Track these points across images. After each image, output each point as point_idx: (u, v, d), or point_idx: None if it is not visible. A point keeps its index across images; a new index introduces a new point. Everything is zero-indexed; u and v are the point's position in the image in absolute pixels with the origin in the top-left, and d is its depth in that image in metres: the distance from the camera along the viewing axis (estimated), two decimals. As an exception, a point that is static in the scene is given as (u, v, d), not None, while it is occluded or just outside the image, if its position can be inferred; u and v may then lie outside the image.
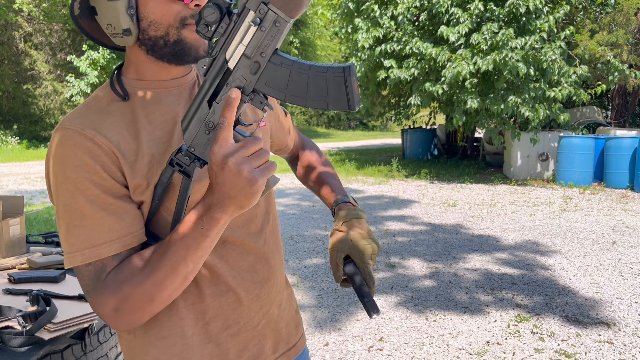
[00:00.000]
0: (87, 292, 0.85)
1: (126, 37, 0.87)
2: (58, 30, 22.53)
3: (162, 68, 0.92)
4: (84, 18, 0.93)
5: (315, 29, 27.15)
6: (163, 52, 0.88)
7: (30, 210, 7.61)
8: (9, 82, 20.93)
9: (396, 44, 10.64)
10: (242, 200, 0.77)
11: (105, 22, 0.87)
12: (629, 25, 11.59)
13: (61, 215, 0.85)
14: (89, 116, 0.87)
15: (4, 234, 2.04)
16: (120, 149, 0.86)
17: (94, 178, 0.83)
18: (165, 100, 0.92)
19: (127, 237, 0.85)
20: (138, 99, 0.91)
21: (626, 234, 6.28)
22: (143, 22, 0.86)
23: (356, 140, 25.43)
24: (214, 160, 0.76)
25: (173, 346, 0.93)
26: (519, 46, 9.34)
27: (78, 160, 0.83)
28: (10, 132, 19.94)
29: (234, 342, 0.96)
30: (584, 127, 13.64)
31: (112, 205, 0.84)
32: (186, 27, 0.87)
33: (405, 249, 5.62)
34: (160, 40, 0.87)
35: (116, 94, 0.89)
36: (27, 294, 1.56)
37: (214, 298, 0.94)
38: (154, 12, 0.85)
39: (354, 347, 3.27)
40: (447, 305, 3.98)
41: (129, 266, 0.83)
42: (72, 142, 0.83)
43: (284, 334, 1.05)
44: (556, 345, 3.30)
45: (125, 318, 0.84)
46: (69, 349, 1.47)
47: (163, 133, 0.90)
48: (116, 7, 0.84)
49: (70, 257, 0.84)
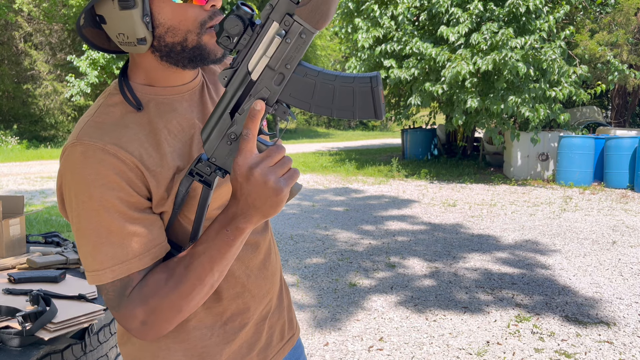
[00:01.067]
0: (112, 308, 0.84)
1: (140, 46, 0.84)
2: (58, 30, 22.52)
3: (174, 73, 0.90)
4: (88, 27, 0.90)
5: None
6: (179, 58, 0.86)
7: (30, 210, 7.61)
8: (9, 82, 20.93)
9: (396, 44, 10.64)
10: (267, 210, 0.77)
11: (116, 32, 0.84)
12: (629, 25, 11.59)
13: (84, 233, 0.82)
14: (107, 130, 0.83)
15: (4, 234, 2.04)
16: (143, 162, 0.84)
17: (120, 195, 0.81)
18: (179, 107, 0.91)
19: (156, 249, 0.84)
20: (153, 108, 0.88)
21: (626, 234, 6.28)
22: (159, 29, 0.83)
23: (356, 140, 25.43)
24: (239, 172, 0.76)
25: (193, 349, 0.94)
26: (518, 46, 9.34)
27: (103, 178, 0.80)
28: (10, 132, 19.93)
29: (247, 338, 0.99)
30: (584, 127, 13.64)
31: (138, 219, 0.83)
32: (207, 32, 0.85)
33: (405, 249, 5.62)
34: (177, 46, 0.85)
35: (129, 104, 0.86)
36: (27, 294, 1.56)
37: (231, 300, 0.96)
38: (171, 18, 0.83)
39: (354, 347, 3.27)
40: (447, 305, 3.98)
41: (153, 279, 0.83)
42: (95, 159, 0.80)
43: (286, 323, 1.09)
44: (556, 345, 3.30)
45: (154, 330, 0.84)
46: (69, 349, 1.47)
47: (183, 143, 0.89)
48: (131, 16, 0.81)
49: (99, 274, 0.82)
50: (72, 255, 1.96)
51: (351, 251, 5.56)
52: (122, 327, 0.86)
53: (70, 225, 0.88)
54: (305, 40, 0.74)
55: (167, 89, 0.90)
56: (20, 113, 21.21)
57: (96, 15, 0.86)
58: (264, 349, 1.02)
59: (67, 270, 1.86)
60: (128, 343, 0.98)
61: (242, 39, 0.75)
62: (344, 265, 5.04)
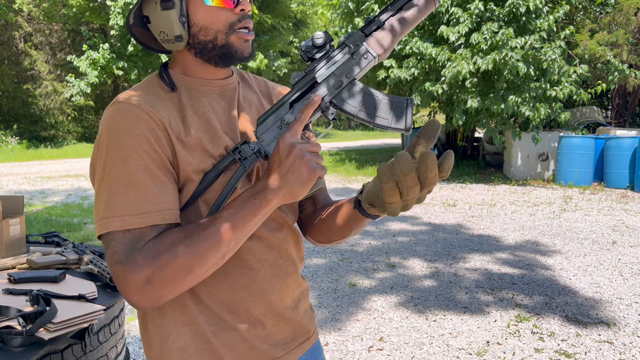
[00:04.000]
0: (117, 262, 0.83)
1: (178, 43, 0.95)
2: (58, 30, 22.53)
3: (207, 69, 1.00)
4: (137, 27, 1.01)
5: (315, 29, 27.15)
6: (210, 55, 0.97)
7: (30, 210, 7.61)
8: (9, 82, 20.93)
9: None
10: (296, 187, 0.85)
11: (158, 30, 0.96)
12: (629, 25, 11.59)
13: (104, 183, 0.87)
14: (143, 96, 0.93)
15: (4, 234, 2.04)
16: (172, 127, 0.92)
17: (147, 149, 0.87)
18: (207, 96, 1.00)
19: (167, 212, 0.87)
20: (184, 90, 0.98)
21: (626, 234, 6.28)
22: (193, 28, 0.95)
23: (356, 140, 25.44)
24: (283, 145, 0.85)
25: (201, 334, 0.96)
26: (519, 46, 9.34)
27: (135, 130, 0.88)
28: (10, 132, 19.93)
29: (256, 332, 0.99)
30: (584, 127, 13.64)
31: (158, 178, 0.87)
32: (234, 33, 0.96)
33: (405, 249, 5.62)
34: (209, 44, 0.96)
35: (165, 84, 0.97)
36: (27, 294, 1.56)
37: (238, 290, 0.97)
38: (204, 19, 0.94)
39: (354, 347, 3.27)
40: (447, 305, 3.98)
41: (170, 237, 0.84)
42: (130, 114, 0.89)
43: (303, 325, 1.09)
44: (556, 345, 3.30)
45: (155, 291, 0.83)
46: (69, 349, 1.47)
47: (205, 122, 0.96)
48: (170, 15, 0.93)
49: (107, 222, 0.84)
50: (72, 255, 1.96)
51: (351, 251, 5.56)
52: (122, 287, 0.84)
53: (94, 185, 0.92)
54: (368, 61, 0.93)
55: (201, 80, 1.00)
56: (20, 113, 21.21)
57: (143, 16, 0.98)
58: (275, 344, 1.02)
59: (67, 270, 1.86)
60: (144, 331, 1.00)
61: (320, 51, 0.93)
62: (344, 265, 5.04)
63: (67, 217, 7.13)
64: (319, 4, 15.33)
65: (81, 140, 22.11)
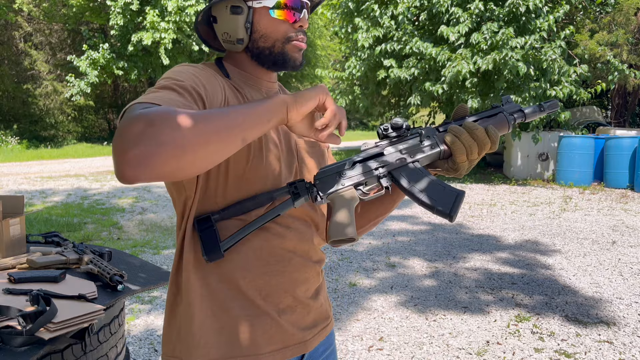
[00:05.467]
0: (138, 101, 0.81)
1: (238, 45, 1.07)
2: (58, 30, 22.52)
3: (259, 69, 1.11)
4: (203, 24, 1.13)
5: (315, 29, 27.13)
6: (265, 59, 1.08)
7: (30, 210, 7.61)
8: (9, 82, 20.91)
9: (396, 44, 10.64)
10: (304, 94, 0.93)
11: (223, 31, 1.07)
12: (628, 25, 11.59)
13: (155, 87, 0.91)
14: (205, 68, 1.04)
15: (4, 234, 2.04)
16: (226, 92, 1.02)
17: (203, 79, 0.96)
18: (254, 88, 1.11)
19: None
20: (237, 79, 1.10)
21: (626, 233, 6.28)
22: (255, 34, 1.06)
23: (356, 140, 25.43)
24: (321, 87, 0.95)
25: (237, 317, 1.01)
26: (519, 45, 9.34)
27: (199, 71, 0.99)
28: (10, 132, 19.92)
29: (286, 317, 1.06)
30: (583, 127, 13.63)
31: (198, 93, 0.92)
32: (290, 42, 1.06)
33: (405, 249, 5.63)
34: (266, 50, 1.07)
35: (222, 71, 1.08)
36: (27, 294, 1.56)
37: (272, 277, 1.04)
38: (266, 27, 1.05)
39: (354, 347, 3.27)
40: (447, 305, 3.98)
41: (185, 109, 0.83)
42: (198, 66, 1.01)
43: (323, 312, 1.17)
44: (556, 345, 3.30)
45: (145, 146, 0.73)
46: (69, 349, 1.47)
47: None
48: (237, 20, 1.04)
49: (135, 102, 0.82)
50: (72, 255, 1.96)
51: (351, 251, 5.56)
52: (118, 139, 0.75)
53: None
54: (433, 151, 1.03)
55: (251, 76, 1.11)
56: (20, 113, 21.20)
57: (211, 15, 1.09)
58: (303, 329, 1.09)
59: (67, 270, 1.86)
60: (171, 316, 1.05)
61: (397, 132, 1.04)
62: (344, 265, 5.04)
63: (67, 217, 7.13)
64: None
65: (81, 140, 22.10)
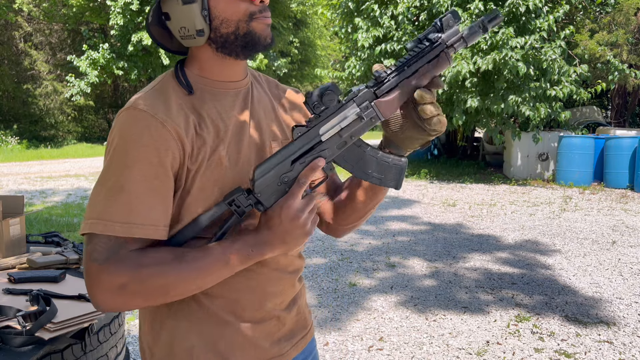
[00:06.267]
0: (95, 260, 0.84)
1: (199, 38, 0.94)
2: (58, 30, 22.51)
3: (227, 66, 0.99)
4: (154, 25, 1.01)
5: (315, 29, 27.12)
6: (233, 47, 0.96)
7: (30, 210, 7.61)
8: (9, 82, 20.91)
9: (396, 44, 10.64)
10: (292, 246, 0.91)
11: (179, 26, 0.95)
12: (628, 25, 11.59)
13: (102, 184, 0.87)
14: (159, 102, 0.92)
15: (4, 234, 2.04)
16: (187, 136, 0.91)
17: (153, 160, 0.87)
18: (222, 100, 0.99)
19: (150, 228, 0.87)
20: (199, 94, 0.97)
21: (626, 233, 6.29)
22: (215, 21, 0.94)
23: (356, 140, 25.38)
24: (287, 212, 0.88)
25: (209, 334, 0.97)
26: (519, 45, 9.34)
27: (145, 141, 0.87)
28: (10, 132, 19.92)
29: (259, 331, 1.02)
30: (583, 127, 13.64)
31: (154, 191, 0.87)
32: (254, 19, 0.95)
33: (405, 249, 5.63)
34: (231, 35, 0.95)
35: (182, 87, 0.96)
36: (27, 294, 1.56)
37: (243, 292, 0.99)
38: (224, 10, 0.93)
39: (354, 347, 3.27)
40: (447, 305, 3.98)
41: (158, 254, 0.86)
42: (142, 122, 0.88)
43: (300, 322, 1.12)
44: (556, 345, 3.30)
45: (125, 299, 0.84)
46: (69, 349, 1.47)
47: (216, 131, 0.96)
48: (191, 10, 0.92)
49: (92, 224, 0.85)
50: (72, 255, 1.96)
51: (351, 251, 5.56)
52: (92, 285, 0.84)
53: None
54: (373, 123, 0.93)
55: (216, 82, 1.00)
56: (20, 113, 21.19)
57: (162, 13, 0.97)
58: (277, 342, 1.05)
59: (67, 270, 1.86)
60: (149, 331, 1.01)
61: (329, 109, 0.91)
62: (344, 265, 5.04)
63: (67, 217, 7.13)
64: (319, 4, 15.33)
65: (81, 140, 22.10)
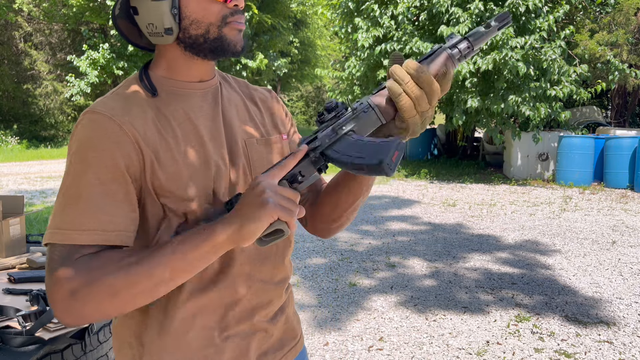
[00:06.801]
0: (50, 269, 0.81)
1: (167, 36, 0.91)
2: (58, 30, 22.51)
3: (194, 65, 0.96)
4: (122, 19, 0.97)
5: (315, 29, 27.11)
6: (201, 49, 0.92)
7: (30, 210, 7.61)
8: (9, 82, 20.91)
9: (396, 44, 10.64)
10: (245, 221, 0.79)
11: (147, 22, 0.91)
12: (628, 25, 11.59)
13: (61, 192, 0.85)
14: (118, 105, 0.89)
15: (4, 234, 2.04)
16: (146, 139, 0.87)
17: (109, 164, 0.84)
18: (189, 100, 0.95)
19: (112, 234, 0.83)
20: (164, 96, 0.94)
21: (626, 233, 6.29)
22: (184, 21, 0.90)
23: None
24: (252, 183, 0.82)
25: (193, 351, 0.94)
26: (519, 45, 9.34)
27: (101, 144, 0.84)
28: (10, 132, 19.92)
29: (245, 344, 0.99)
30: (583, 127, 13.64)
31: (113, 196, 0.84)
32: (227, 25, 0.91)
33: (405, 249, 5.63)
34: (200, 37, 0.91)
35: (145, 89, 0.93)
36: (27, 294, 1.56)
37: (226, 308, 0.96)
38: (195, 11, 0.90)
39: (354, 346, 3.27)
40: (447, 305, 3.98)
41: (106, 256, 0.81)
42: (99, 126, 0.85)
43: (290, 331, 1.09)
44: (556, 345, 3.30)
45: (78, 307, 0.79)
46: (69, 349, 1.47)
47: (184, 132, 0.92)
48: (160, 7, 0.89)
49: (52, 233, 0.83)
50: (72, 255, 1.97)
51: (351, 251, 5.56)
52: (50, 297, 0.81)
53: None
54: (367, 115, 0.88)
55: (184, 83, 0.96)
56: (20, 113, 21.19)
57: (130, 7, 0.93)
58: (264, 354, 1.02)
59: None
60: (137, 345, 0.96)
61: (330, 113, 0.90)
62: (344, 265, 5.04)
63: (67, 217, 7.13)
64: (319, 4, 15.33)
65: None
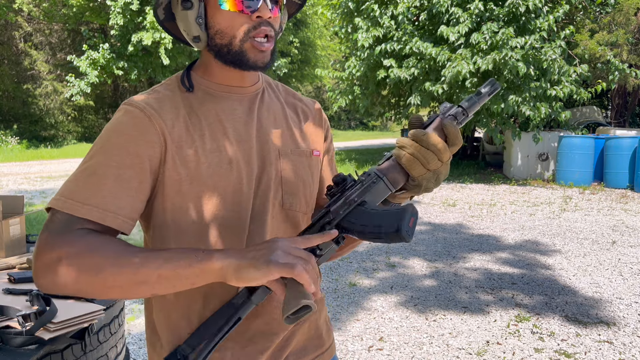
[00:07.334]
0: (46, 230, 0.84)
1: (196, 43, 0.97)
2: (58, 30, 22.52)
3: (228, 72, 1.00)
4: (168, 22, 1.04)
5: (315, 29, 27.11)
6: (225, 59, 0.97)
7: (30, 210, 7.61)
8: (9, 82, 20.91)
9: (396, 44, 10.64)
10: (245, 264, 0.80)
11: (182, 28, 0.98)
12: (629, 25, 11.59)
13: (80, 166, 0.89)
14: (152, 99, 0.95)
15: (4, 234, 2.04)
16: (172, 134, 0.92)
17: (131, 150, 0.89)
18: (223, 103, 1.00)
19: (110, 215, 0.85)
20: (200, 95, 0.99)
21: (626, 233, 6.29)
22: (211, 30, 0.96)
23: (356, 140, 25.44)
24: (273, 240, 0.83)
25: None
26: (519, 45, 9.34)
27: (127, 130, 0.90)
28: (10, 132, 19.92)
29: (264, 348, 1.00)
30: (583, 127, 13.64)
31: (125, 181, 0.87)
32: (250, 40, 0.94)
33: (405, 249, 5.63)
34: (224, 47, 0.96)
35: (183, 86, 0.99)
36: (27, 294, 1.56)
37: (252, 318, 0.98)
38: (220, 22, 0.94)
39: (354, 347, 3.27)
40: (447, 305, 3.98)
41: (106, 237, 0.84)
42: (130, 116, 0.91)
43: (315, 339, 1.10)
44: (556, 345, 3.30)
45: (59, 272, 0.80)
46: (69, 349, 1.47)
47: (212, 132, 0.96)
48: (188, 16, 0.95)
49: (56, 200, 0.86)
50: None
51: (351, 251, 5.56)
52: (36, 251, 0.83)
53: None
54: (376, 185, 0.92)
55: (220, 85, 1.01)
56: (20, 113, 21.20)
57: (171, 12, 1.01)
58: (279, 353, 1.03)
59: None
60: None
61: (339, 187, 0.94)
62: (344, 265, 5.04)
63: (67, 217, 7.12)
64: (319, 4, 15.32)
65: (81, 140, 22.10)
